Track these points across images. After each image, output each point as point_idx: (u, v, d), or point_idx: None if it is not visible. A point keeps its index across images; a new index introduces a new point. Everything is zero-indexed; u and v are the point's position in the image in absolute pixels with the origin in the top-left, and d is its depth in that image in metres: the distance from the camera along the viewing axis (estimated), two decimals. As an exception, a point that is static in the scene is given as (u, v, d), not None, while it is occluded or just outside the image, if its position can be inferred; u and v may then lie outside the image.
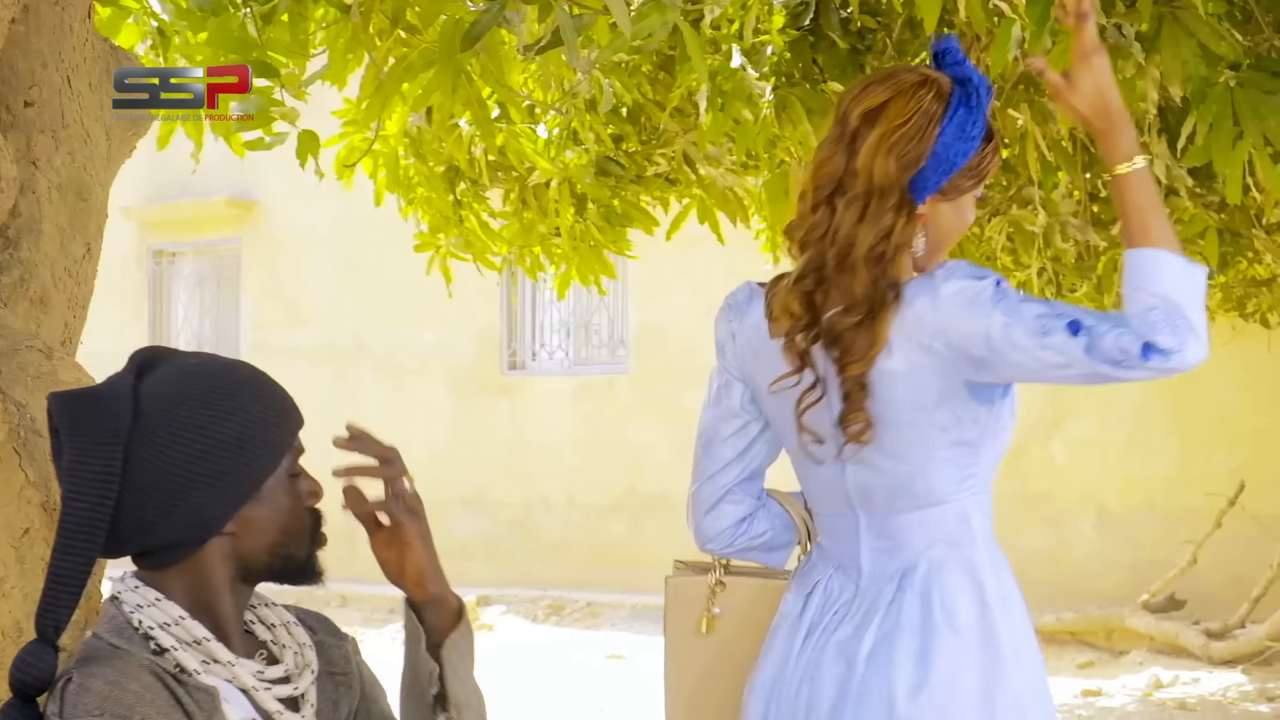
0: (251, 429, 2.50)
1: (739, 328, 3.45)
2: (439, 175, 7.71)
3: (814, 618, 3.28)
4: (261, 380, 2.59)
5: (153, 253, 18.98)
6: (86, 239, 4.12)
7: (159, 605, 2.48)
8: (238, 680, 2.48)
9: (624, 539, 15.90)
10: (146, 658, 2.43)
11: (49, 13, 3.97)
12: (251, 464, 2.50)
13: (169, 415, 2.47)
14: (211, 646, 2.47)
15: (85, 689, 2.38)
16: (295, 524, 2.58)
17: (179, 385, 2.51)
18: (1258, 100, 4.46)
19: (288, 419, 2.58)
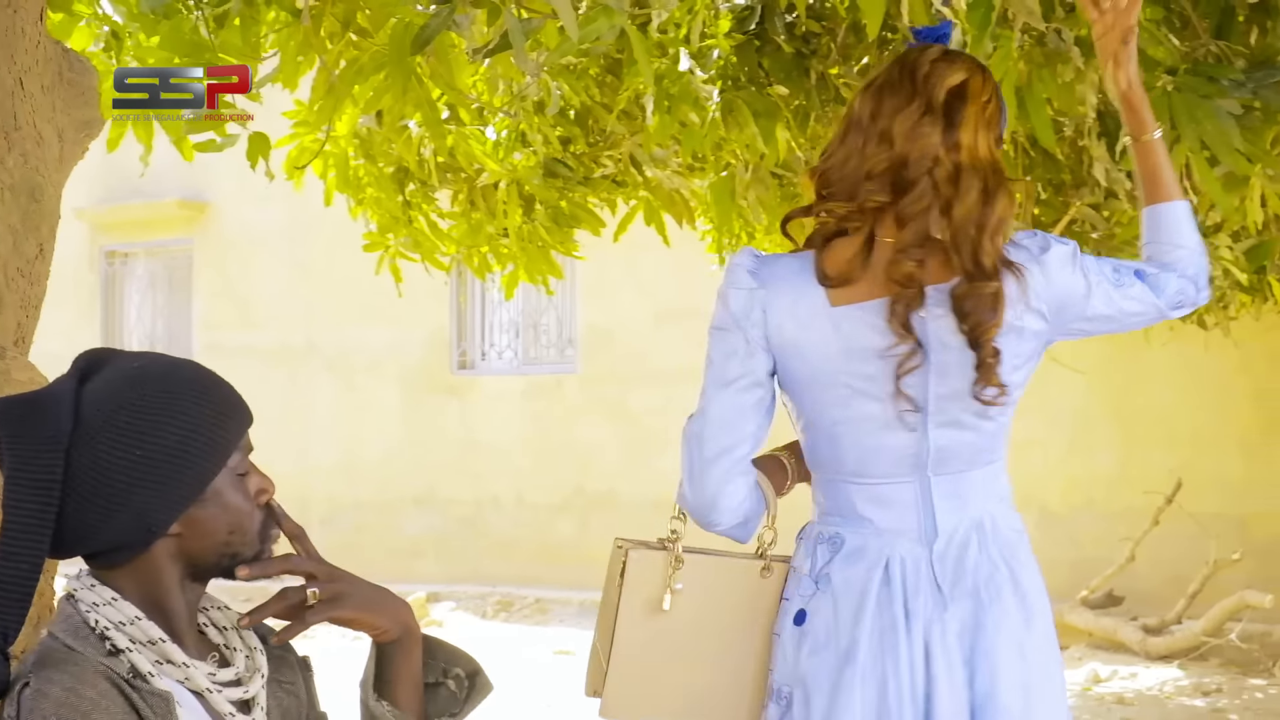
0: (194, 432, 2.47)
1: (770, 297, 3.30)
2: (388, 176, 7.70)
3: (903, 596, 3.24)
4: (205, 380, 2.55)
5: (105, 253, 18.91)
6: (39, 239, 4.11)
7: (115, 605, 2.47)
8: (191, 682, 2.48)
9: (572, 537, 15.90)
10: (102, 662, 2.42)
11: (2, 15, 3.96)
12: (195, 466, 2.48)
13: (110, 420, 2.45)
14: (166, 648, 2.47)
15: (42, 694, 2.37)
16: (243, 523, 2.54)
17: (120, 389, 2.49)
18: (1194, 104, 4.48)
19: (232, 419, 2.54)
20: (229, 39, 5.41)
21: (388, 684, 2.66)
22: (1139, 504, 13.00)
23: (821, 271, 3.26)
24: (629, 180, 7.67)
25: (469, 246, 8.23)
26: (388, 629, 2.65)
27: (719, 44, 6.02)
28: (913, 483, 3.27)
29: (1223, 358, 12.46)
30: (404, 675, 2.66)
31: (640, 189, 7.75)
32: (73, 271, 17.64)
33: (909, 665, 3.18)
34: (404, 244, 8.10)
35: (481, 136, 7.35)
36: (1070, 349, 11.55)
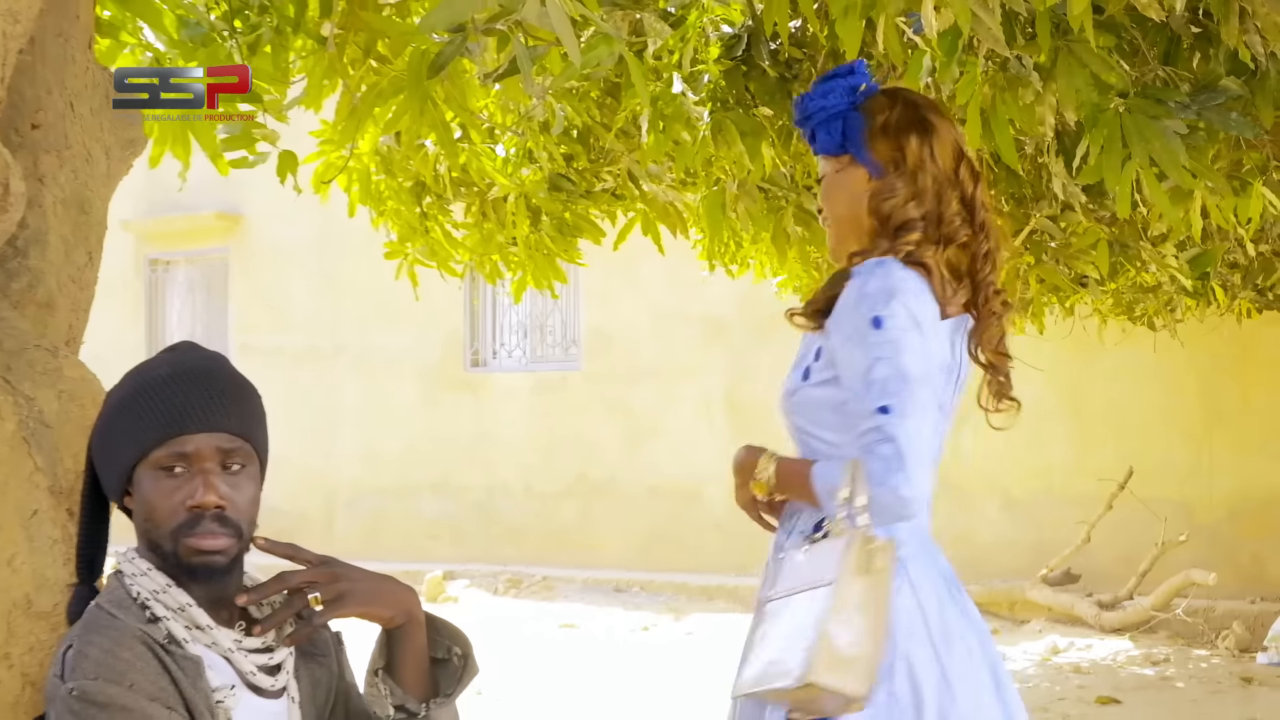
0: (121, 418, 2.57)
1: (929, 309, 3.30)
2: (407, 190, 7.70)
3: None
4: (164, 380, 2.59)
5: (148, 261, 18.89)
6: (88, 248, 4.12)
7: (149, 575, 2.49)
8: (217, 646, 2.49)
9: (575, 521, 15.91)
10: (141, 628, 2.43)
11: (53, 44, 3.96)
12: (118, 450, 2.57)
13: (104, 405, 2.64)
14: (193, 613, 2.48)
15: (83, 655, 2.39)
16: (155, 516, 2.53)
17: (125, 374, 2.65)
18: (1144, 125, 4.48)
19: (159, 417, 2.54)
20: (260, 65, 5.41)
21: (395, 665, 2.66)
22: (1093, 490, 13.00)
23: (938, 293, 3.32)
24: (627, 194, 7.67)
25: (481, 254, 8.23)
26: (392, 616, 2.64)
27: (709, 69, 6.02)
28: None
29: (1170, 357, 12.46)
30: (409, 656, 2.66)
31: (637, 202, 7.75)
32: (119, 278, 17.62)
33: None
34: (421, 252, 8.09)
35: (492, 154, 7.35)
36: (1029, 348, 11.56)
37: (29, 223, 3.86)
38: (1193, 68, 5.05)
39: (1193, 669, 11.09)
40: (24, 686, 3.33)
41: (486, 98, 6.66)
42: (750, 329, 15.10)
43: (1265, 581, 12.82)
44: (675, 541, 15.41)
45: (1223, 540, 12.98)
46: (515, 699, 10.04)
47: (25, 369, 3.62)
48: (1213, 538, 12.85)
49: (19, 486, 3.28)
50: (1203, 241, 7.78)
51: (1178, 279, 8.20)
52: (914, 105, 3.46)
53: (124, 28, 5.25)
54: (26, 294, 3.89)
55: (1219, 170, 5.53)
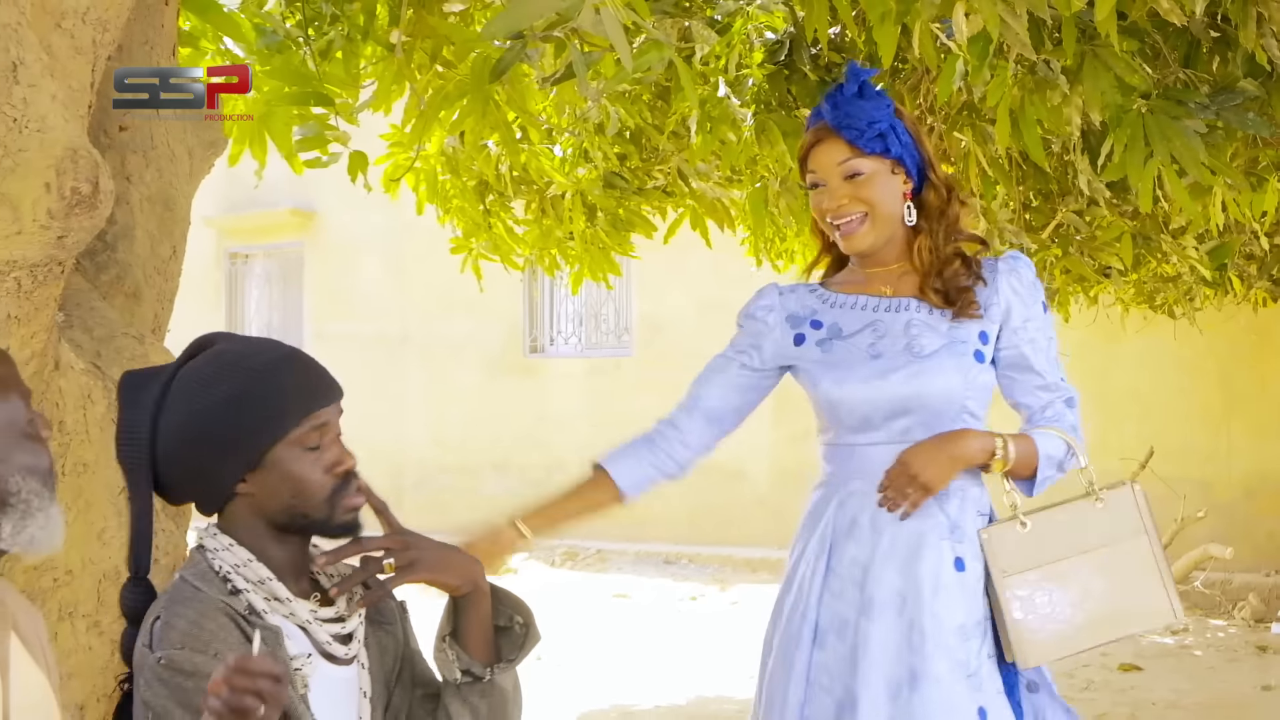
0: (245, 406, 2.47)
1: None
2: (471, 188, 7.71)
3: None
4: (274, 365, 2.54)
5: (228, 255, 18.98)
6: (172, 243, 4.13)
7: (231, 550, 2.49)
8: (295, 617, 2.49)
9: (628, 497, 15.89)
10: (223, 600, 2.44)
11: (139, 51, 3.98)
12: (245, 436, 2.47)
13: (185, 393, 2.49)
14: (273, 586, 2.48)
15: (170, 626, 2.39)
16: (307, 489, 2.51)
17: (201, 367, 2.52)
18: (1165, 125, 4.45)
19: (292, 399, 2.52)
20: (332, 70, 5.42)
21: (461, 632, 2.66)
22: (1116, 469, 12.92)
23: None
24: (677, 190, 7.66)
25: (540, 248, 8.23)
26: (459, 585, 2.64)
27: (753, 73, 6.00)
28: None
29: (1189, 344, 12.40)
30: (475, 624, 2.66)
31: (686, 198, 7.73)
32: (201, 271, 17.69)
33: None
34: (484, 247, 8.11)
35: (550, 154, 7.36)
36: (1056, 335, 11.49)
37: (117, 219, 3.88)
38: (1212, 70, 5.01)
39: (1210, 638, 11.03)
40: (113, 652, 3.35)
41: (545, 100, 6.66)
42: (792, 317, 15.07)
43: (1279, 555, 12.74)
44: (721, 516, 15.40)
45: (1239, 517, 12.90)
46: (572, 664, 10.06)
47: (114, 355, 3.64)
48: (1230, 514, 12.78)
49: (108, 466, 3.30)
50: (1221, 234, 7.72)
51: (1197, 270, 8.14)
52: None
53: (204, 36, 5.27)
54: (115, 285, 3.91)
55: (1237, 167, 5.49)
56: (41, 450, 2.09)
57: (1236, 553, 11.33)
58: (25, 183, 2.84)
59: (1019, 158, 6.51)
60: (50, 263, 2.98)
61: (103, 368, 3.57)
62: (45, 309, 3.10)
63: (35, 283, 2.98)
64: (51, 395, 3.30)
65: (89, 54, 3.15)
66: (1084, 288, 9.35)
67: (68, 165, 2.87)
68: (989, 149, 6.08)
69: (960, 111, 6.05)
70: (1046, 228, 7.50)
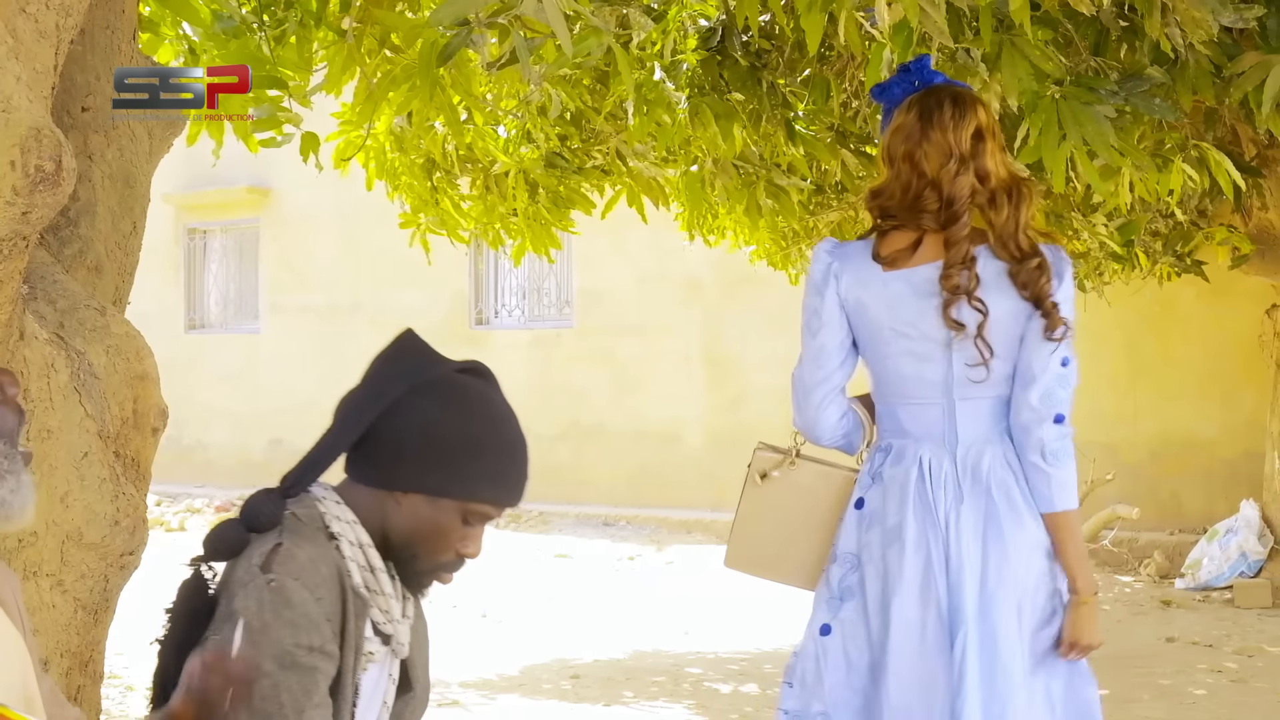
0: (469, 454, 2.50)
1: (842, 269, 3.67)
2: (418, 166, 7.70)
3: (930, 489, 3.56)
4: (512, 448, 2.58)
5: (187, 230, 18.89)
6: (133, 219, 4.11)
7: (354, 526, 2.49)
8: (380, 603, 2.49)
9: (569, 461, 15.91)
10: (335, 555, 2.44)
11: (101, 35, 3.95)
12: (446, 479, 2.50)
13: (446, 398, 2.53)
14: (380, 577, 2.49)
15: (292, 555, 2.39)
16: (435, 549, 2.52)
17: (474, 394, 2.57)
18: (1078, 110, 4.49)
19: (498, 481, 2.54)
20: (286, 54, 5.40)
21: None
22: (1030, 434, 13.05)
23: (877, 253, 3.57)
24: (615, 169, 7.67)
25: (485, 224, 8.23)
26: None
27: (687, 58, 6.01)
28: (939, 402, 3.56)
29: (1098, 315, 12.48)
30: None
31: (624, 177, 7.74)
32: (161, 245, 17.61)
33: (942, 540, 3.47)
34: (432, 222, 8.10)
35: (494, 134, 7.35)
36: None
37: (79, 195, 3.86)
38: (1120, 58, 5.06)
39: (1118, 593, 11.16)
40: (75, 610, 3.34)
41: (489, 84, 6.65)
42: (724, 290, 15.13)
43: (1183, 515, 12.88)
44: (657, 479, 15.46)
45: (1145, 478, 13.03)
46: (516, 620, 10.09)
47: (76, 326, 3.63)
48: (1136, 476, 12.90)
49: (70, 431, 3.29)
50: (1128, 212, 7.79)
51: (1106, 245, 8.21)
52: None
53: (163, 22, 5.24)
54: (77, 259, 3.89)
55: (1144, 149, 5.55)
56: (6, 410, 2.07)
57: (1142, 512, 11.44)
58: (-9, 161, 2.82)
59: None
60: (15, 237, 2.96)
61: (65, 338, 3.56)
62: (10, 282, 3.08)
63: (0, 257, 2.97)
64: (16, 364, 3.29)
65: (52, 38, 3.13)
66: (1000, 263, 9.41)
67: (32, 144, 2.85)
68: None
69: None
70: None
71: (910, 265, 3.53)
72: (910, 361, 3.55)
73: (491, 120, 7.26)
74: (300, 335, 17.66)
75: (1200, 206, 9.08)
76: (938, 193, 3.51)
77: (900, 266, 3.54)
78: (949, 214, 3.50)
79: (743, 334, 14.93)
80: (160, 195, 15.82)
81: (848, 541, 3.61)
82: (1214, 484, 12.81)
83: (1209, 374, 13.12)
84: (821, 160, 6.74)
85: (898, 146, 3.59)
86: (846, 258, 3.60)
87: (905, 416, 3.59)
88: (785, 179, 7.10)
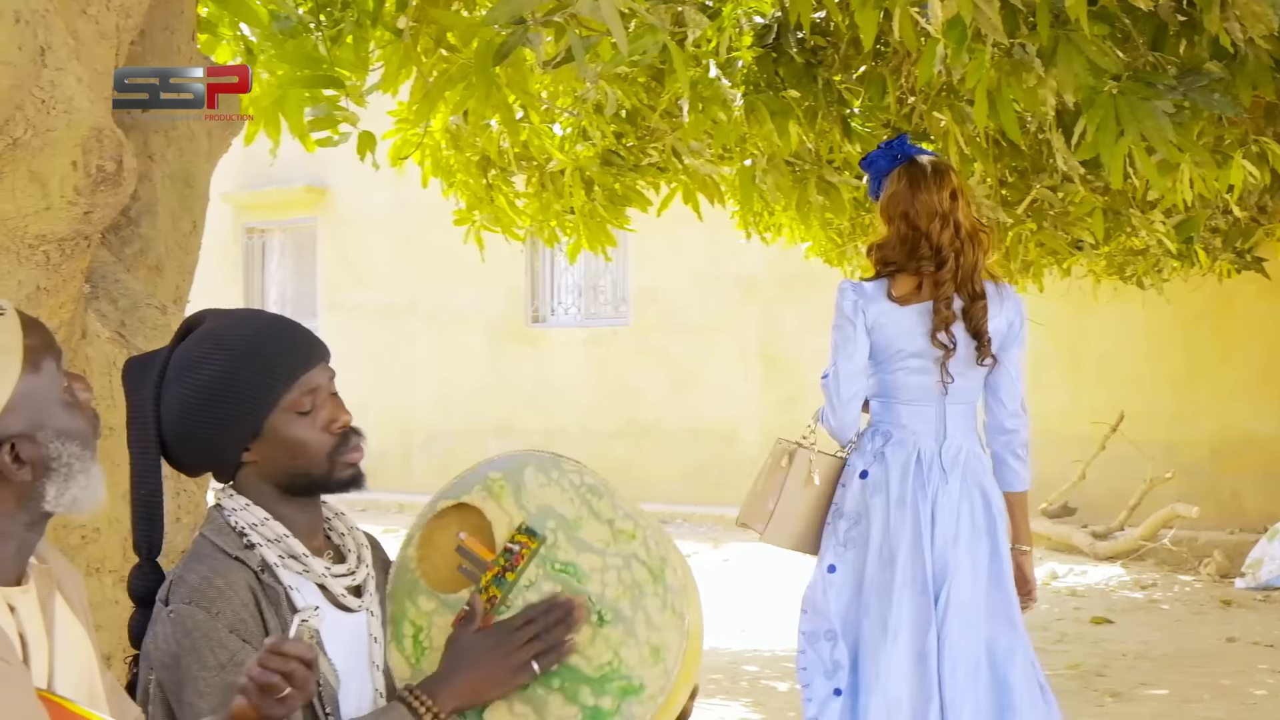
0: (234, 382, 2.44)
1: (866, 304, 4.69)
2: (474, 164, 7.72)
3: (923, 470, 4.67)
4: (258, 337, 2.48)
5: (245, 230, 18.97)
6: (192, 218, 4.15)
7: (248, 509, 2.49)
8: (310, 573, 2.50)
9: (624, 459, 15.92)
10: (237, 556, 2.44)
11: (160, 36, 3.99)
12: (240, 412, 2.45)
13: (178, 375, 2.46)
14: (289, 543, 2.48)
15: (181, 580, 2.41)
16: (306, 451, 2.48)
17: (189, 347, 2.49)
18: (1135, 105, 4.47)
19: (279, 369, 2.47)
20: (343, 54, 5.43)
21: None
22: (1088, 432, 12.99)
23: (890, 293, 4.65)
24: (670, 167, 7.68)
25: (540, 221, 8.25)
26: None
27: (742, 55, 6.02)
28: (934, 406, 4.67)
29: (1157, 313, 12.43)
30: None
31: (679, 174, 7.74)
32: (220, 245, 17.70)
33: (929, 509, 4.59)
34: (487, 219, 8.12)
35: (550, 132, 7.38)
36: (1029, 305, 11.50)
37: (140, 195, 3.90)
38: (1179, 53, 5.02)
39: (1178, 592, 11.08)
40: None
41: (544, 82, 6.67)
42: (780, 288, 15.11)
43: (1243, 514, 12.79)
44: (714, 477, 15.44)
45: (1205, 477, 12.95)
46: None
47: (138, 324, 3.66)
48: (1195, 475, 12.83)
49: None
50: (1187, 209, 7.73)
51: (1165, 243, 8.16)
52: None
53: (221, 22, 5.28)
54: (138, 258, 3.93)
55: (1203, 145, 5.50)
56: (79, 415, 2.11)
57: (1202, 511, 11.38)
58: (53, 161, 2.86)
59: (996, 136, 6.52)
60: (77, 237, 3.00)
61: (127, 336, 3.60)
62: (73, 281, 3.12)
63: (63, 256, 3.01)
64: (79, 363, 3.33)
65: (113, 39, 3.16)
66: (1057, 260, 9.36)
67: (93, 144, 2.89)
68: (967, 128, 6.09)
69: (940, 92, 6.06)
70: (1022, 203, 7.52)
71: (916, 302, 4.61)
72: (913, 374, 4.64)
73: (547, 118, 7.28)
74: (357, 333, 17.73)
75: (1260, 203, 8.97)
76: (929, 242, 4.59)
77: (909, 303, 4.61)
78: (938, 259, 4.58)
79: (799, 332, 14.89)
80: (219, 194, 15.95)
81: (853, 503, 4.67)
82: (1274, 482, 12.71)
83: (1269, 371, 13.03)
84: (877, 157, 6.72)
85: (895, 208, 4.67)
86: (867, 296, 4.63)
87: (905, 414, 4.68)
88: (836, 176, 7.09)
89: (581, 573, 2.36)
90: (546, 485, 2.46)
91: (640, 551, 2.35)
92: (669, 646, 2.30)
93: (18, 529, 2.03)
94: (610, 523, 2.40)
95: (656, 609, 2.31)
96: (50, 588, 2.11)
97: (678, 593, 2.33)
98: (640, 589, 2.33)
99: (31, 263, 2.95)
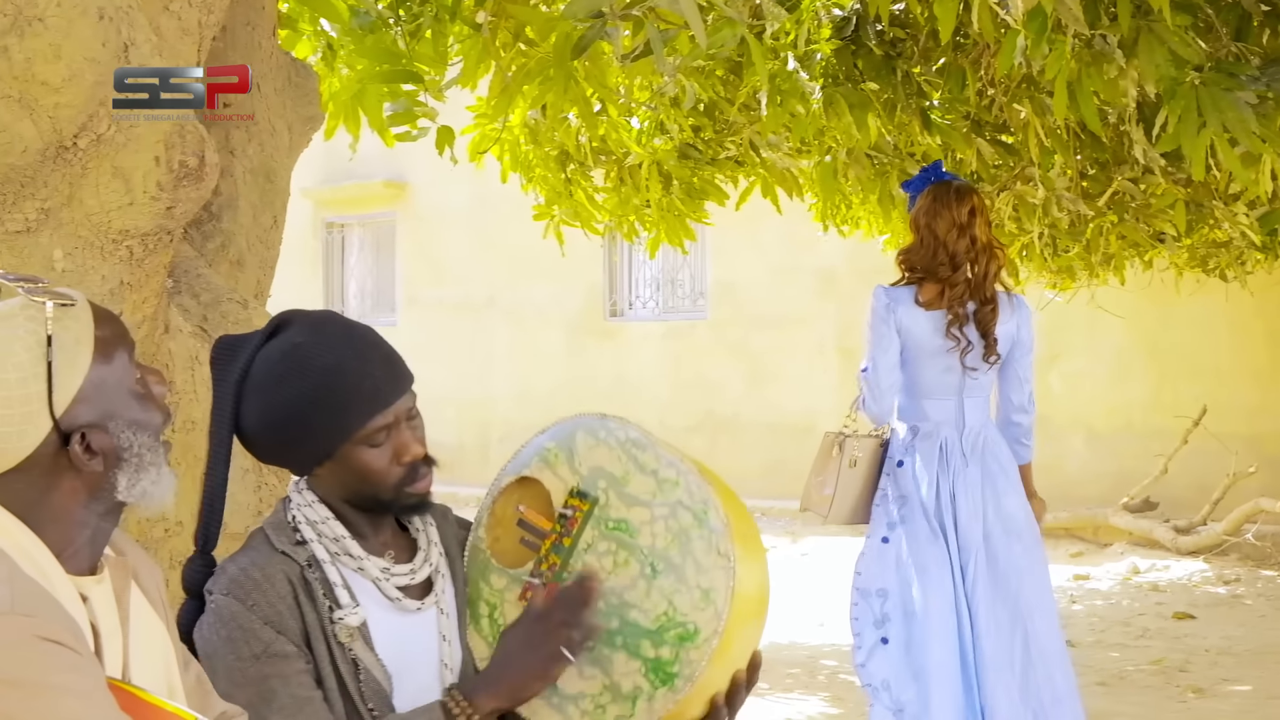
0: (312, 410, 2.41)
1: (895, 306, 5.37)
2: (552, 158, 7.74)
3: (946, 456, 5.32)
4: (340, 368, 2.43)
5: (325, 224, 19.09)
6: (273, 213, 4.18)
7: (312, 506, 2.48)
8: (365, 572, 2.49)
9: (703, 453, 15.83)
10: (283, 551, 2.44)
11: (242, 32, 4.02)
12: (315, 438, 2.43)
13: (260, 386, 2.44)
14: (346, 543, 2.47)
15: (224, 570, 2.42)
16: (375, 479, 2.46)
17: (274, 359, 2.45)
18: (1217, 96, 4.42)
19: (355, 403, 2.42)
20: (422, 49, 5.45)
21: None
22: (1170, 426, 12.86)
23: (917, 298, 5.30)
24: (748, 161, 7.67)
25: (619, 216, 8.26)
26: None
27: (821, 48, 5.99)
28: (954, 399, 5.34)
29: (1240, 305, 12.29)
30: None
31: (757, 168, 7.73)
32: (300, 239, 17.81)
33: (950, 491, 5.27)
34: (566, 214, 8.14)
35: (628, 126, 7.37)
36: (1112, 298, 11.43)
37: (222, 190, 3.93)
38: (1262, 43, 4.97)
39: (1261, 588, 10.97)
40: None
41: (622, 76, 6.67)
42: (859, 281, 15.03)
43: (1328, 509, 12.65)
44: (792, 472, 15.33)
45: (1289, 471, 12.80)
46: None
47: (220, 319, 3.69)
48: (1279, 469, 12.68)
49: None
50: (1271, 201, 7.64)
51: (1248, 235, 8.07)
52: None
53: (301, 18, 5.31)
54: (220, 253, 3.96)
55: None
56: (151, 406, 2.10)
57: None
58: (136, 157, 2.88)
59: (1077, 128, 6.46)
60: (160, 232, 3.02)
61: (209, 330, 3.63)
62: (155, 276, 3.14)
63: (146, 251, 3.03)
64: (161, 357, 3.35)
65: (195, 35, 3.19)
66: (1139, 253, 9.28)
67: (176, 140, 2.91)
68: (1047, 120, 6.05)
69: (1020, 84, 6.02)
70: (1103, 195, 7.45)
71: (938, 308, 5.26)
72: (936, 371, 5.29)
73: (625, 112, 7.28)
74: (436, 328, 17.79)
75: (1346, 194, 8.87)
76: (946, 250, 5.24)
77: (933, 308, 5.26)
78: (953, 264, 5.23)
79: (877, 325, 14.80)
80: (299, 190, 16.06)
81: (897, 488, 5.31)
82: (1361, 477, 12.55)
83: (1355, 364, 12.87)
84: (957, 150, 6.69)
85: (921, 219, 5.33)
86: (897, 300, 5.28)
87: (930, 407, 5.33)
88: (917, 169, 7.05)
89: (632, 527, 2.42)
90: (595, 446, 2.54)
91: (684, 498, 2.41)
92: (717, 588, 2.35)
93: (92, 518, 2.02)
94: (655, 473, 2.46)
95: (703, 551, 2.37)
96: (126, 579, 2.11)
97: (721, 534, 2.38)
98: (686, 534, 2.39)
99: (115, 258, 2.98)
